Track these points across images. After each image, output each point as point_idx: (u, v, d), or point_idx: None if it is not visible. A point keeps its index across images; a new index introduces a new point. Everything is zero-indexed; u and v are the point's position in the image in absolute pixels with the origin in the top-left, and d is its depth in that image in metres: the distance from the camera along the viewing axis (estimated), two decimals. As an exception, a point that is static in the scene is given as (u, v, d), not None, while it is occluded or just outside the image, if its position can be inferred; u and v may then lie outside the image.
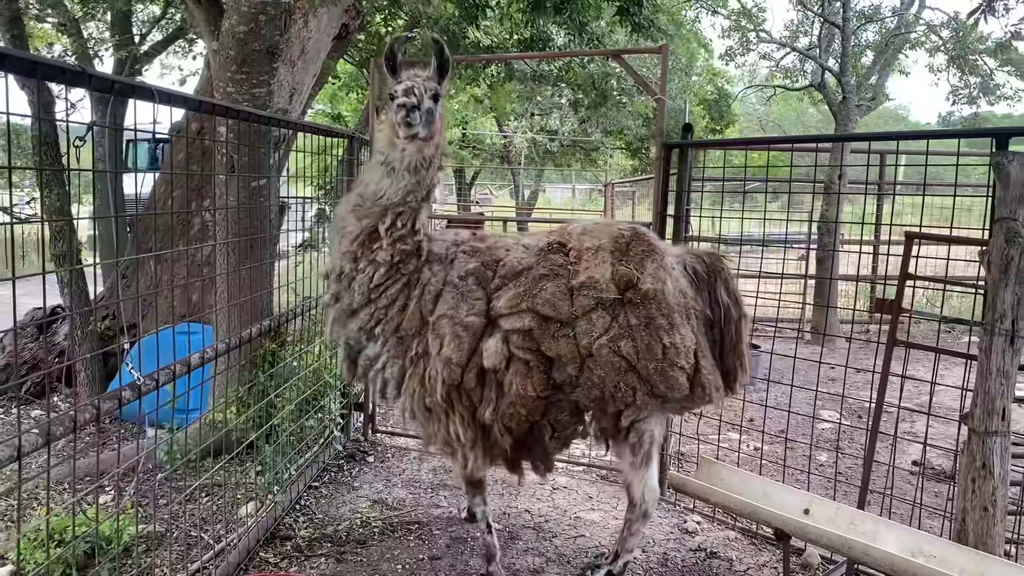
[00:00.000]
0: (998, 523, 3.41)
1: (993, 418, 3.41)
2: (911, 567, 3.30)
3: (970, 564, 3.31)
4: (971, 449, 3.46)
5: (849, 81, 10.39)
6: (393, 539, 4.48)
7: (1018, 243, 3.37)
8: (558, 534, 4.57)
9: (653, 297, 3.44)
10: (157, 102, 3.06)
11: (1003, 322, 3.39)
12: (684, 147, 4.99)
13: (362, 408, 6.13)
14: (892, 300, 3.97)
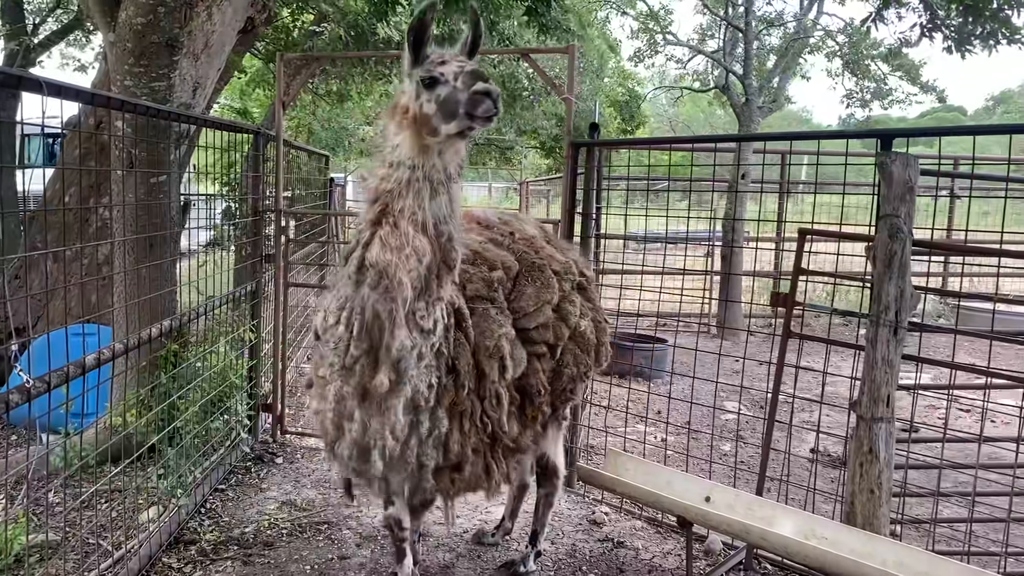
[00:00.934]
0: (883, 504, 3.60)
1: (879, 405, 3.59)
2: (804, 549, 3.45)
3: (858, 544, 3.48)
4: (859, 435, 3.64)
5: (752, 84, 10.74)
6: (302, 540, 4.42)
7: (900, 238, 3.56)
8: (468, 529, 4.59)
9: (591, 279, 3.80)
10: (46, 94, 2.94)
11: (887, 314, 3.58)
12: (591, 146, 5.08)
13: (270, 409, 6.03)
14: (786, 294, 4.13)
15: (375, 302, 2.82)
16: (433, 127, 2.72)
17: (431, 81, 2.71)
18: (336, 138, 15.49)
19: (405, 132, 2.80)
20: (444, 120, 2.69)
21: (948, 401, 3.98)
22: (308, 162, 9.47)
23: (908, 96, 13.37)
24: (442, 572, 4.10)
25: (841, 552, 3.39)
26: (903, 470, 3.91)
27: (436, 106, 2.69)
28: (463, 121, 2.68)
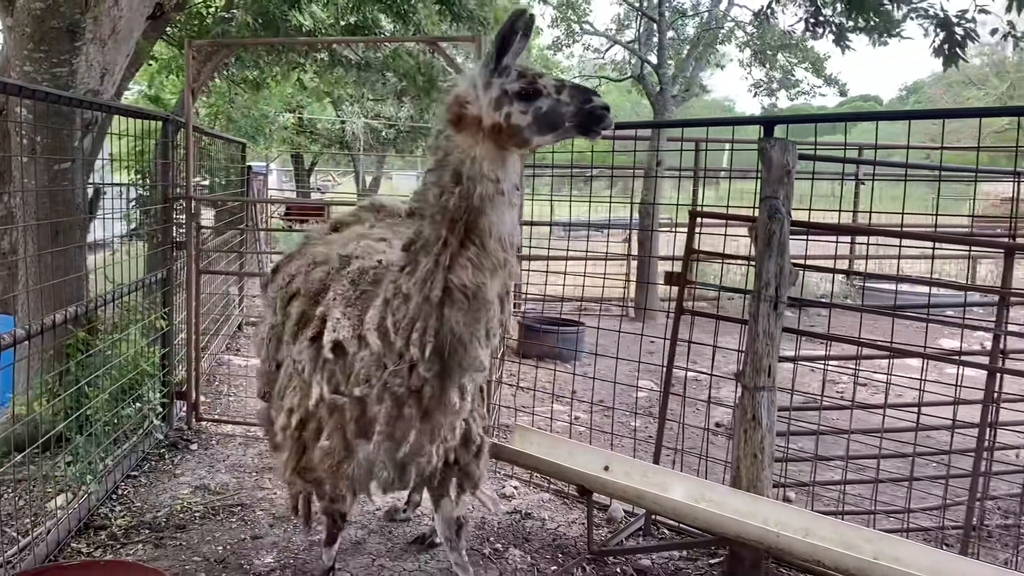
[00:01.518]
0: (766, 468, 3.85)
1: (761, 375, 3.83)
2: (693, 511, 3.68)
3: (743, 505, 3.72)
4: (743, 404, 3.89)
5: (666, 73, 11.03)
6: (215, 522, 4.47)
7: (778, 219, 3.80)
8: (380, 507, 4.72)
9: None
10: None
11: (768, 289, 3.82)
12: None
13: (185, 397, 6.03)
14: (679, 274, 4.35)
15: (461, 323, 2.76)
16: (524, 138, 2.66)
17: (531, 93, 2.62)
18: (256, 126, 15.32)
19: (485, 144, 2.67)
20: (539, 132, 2.65)
21: (824, 371, 4.26)
22: (223, 150, 9.38)
23: (812, 88, 13.91)
24: (354, 548, 4.21)
25: (726, 513, 3.63)
26: (785, 436, 4.17)
27: (531, 118, 2.62)
28: (565, 133, 2.69)
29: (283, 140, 20.49)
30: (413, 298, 2.75)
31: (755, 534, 3.52)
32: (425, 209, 2.76)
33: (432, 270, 2.72)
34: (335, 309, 2.98)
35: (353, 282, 3.03)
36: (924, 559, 3.31)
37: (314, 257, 3.32)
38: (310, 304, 3.13)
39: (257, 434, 5.95)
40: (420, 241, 2.76)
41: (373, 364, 2.86)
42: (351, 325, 2.91)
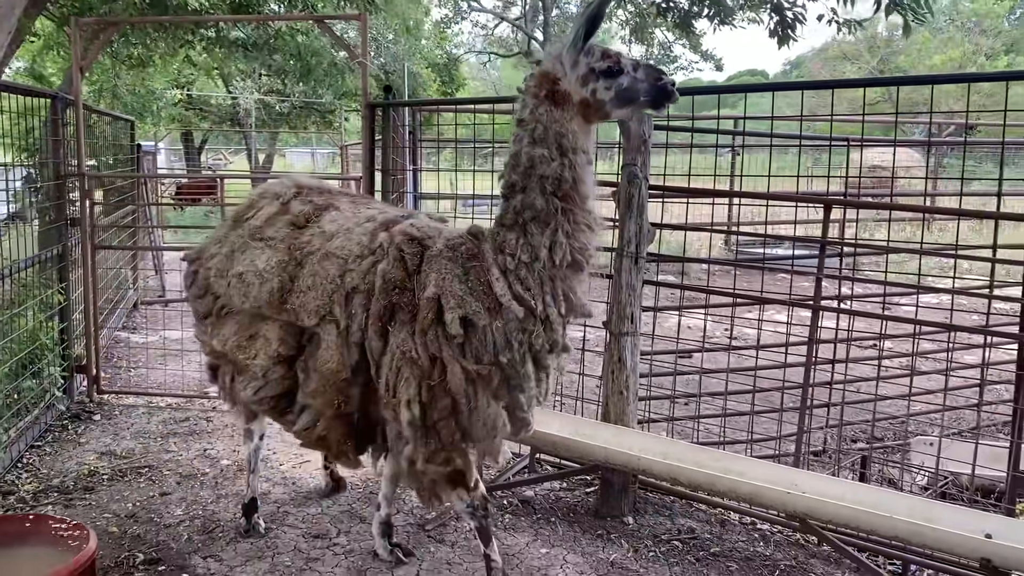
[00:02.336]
0: (631, 404, 4.34)
1: (624, 322, 4.31)
2: (566, 442, 4.15)
3: (611, 436, 4.21)
4: (610, 348, 4.36)
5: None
6: (123, 483, 4.69)
7: (636, 183, 4.27)
8: (284, 462, 5.02)
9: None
10: None
11: (629, 247, 4.29)
12: (385, 107, 5.52)
13: (85, 370, 6.14)
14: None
15: (573, 282, 3.03)
16: (606, 112, 2.98)
17: (615, 71, 2.89)
18: (143, 103, 14.99)
19: (576, 118, 2.95)
20: (619, 106, 2.96)
21: (679, 317, 4.79)
22: (112, 127, 9.30)
23: (691, 64, 14.66)
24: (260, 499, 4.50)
25: (596, 443, 4.12)
26: (648, 377, 4.69)
27: (614, 93, 2.90)
28: (640, 107, 3.01)
29: (172, 118, 20.03)
30: (537, 265, 2.96)
31: (621, 459, 4.03)
32: (530, 180, 2.94)
33: (555, 236, 2.95)
34: (450, 287, 3.02)
35: (451, 259, 3.06)
36: (760, 471, 3.87)
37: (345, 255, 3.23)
38: (396, 294, 3.10)
39: (159, 403, 6.14)
40: (529, 211, 2.95)
41: (515, 330, 2.99)
42: (475, 298, 3.00)
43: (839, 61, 37.86)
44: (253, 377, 3.42)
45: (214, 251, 3.64)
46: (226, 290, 3.50)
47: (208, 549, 3.95)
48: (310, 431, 3.39)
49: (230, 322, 3.53)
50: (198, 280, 3.72)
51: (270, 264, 3.36)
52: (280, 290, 3.30)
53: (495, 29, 13.97)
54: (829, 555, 3.98)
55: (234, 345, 3.49)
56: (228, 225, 3.72)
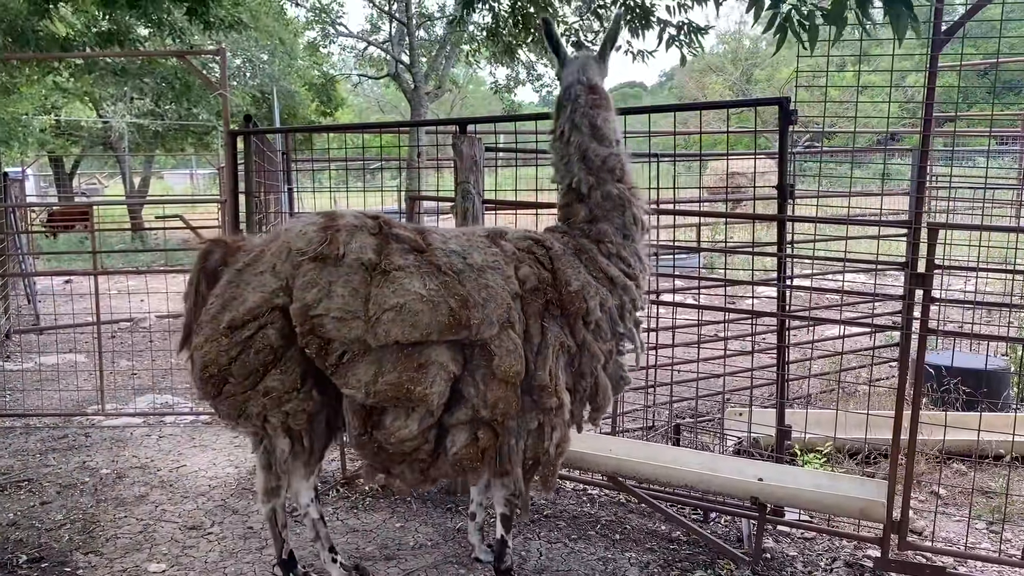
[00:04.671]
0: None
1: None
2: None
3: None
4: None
5: (419, 72, 12.05)
6: (2, 496, 4.96)
7: (469, 198, 4.87)
8: (161, 468, 5.38)
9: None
10: None
11: (466, 254, 4.88)
12: (246, 134, 5.95)
13: (-41, 396, 6.30)
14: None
15: (643, 245, 3.64)
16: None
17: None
18: (9, 130, 14.71)
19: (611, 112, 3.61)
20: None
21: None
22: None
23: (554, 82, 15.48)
24: (139, 501, 4.86)
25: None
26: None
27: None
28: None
29: (40, 143, 19.55)
30: (628, 242, 3.55)
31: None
32: (602, 174, 3.49)
33: (634, 213, 3.54)
34: (586, 279, 3.41)
35: (572, 256, 3.46)
36: (581, 441, 4.52)
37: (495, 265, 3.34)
38: (550, 291, 3.37)
39: (36, 423, 6.36)
40: (609, 201, 3.50)
41: (628, 301, 3.53)
42: (600, 284, 3.45)
43: (706, 73, 40.01)
44: (428, 407, 3.16)
45: (313, 297, 3.09)
46: (366, 330, 3.07)
47: (88, 546, 4.30)
48: (471, 447, 3.28)
49: (368, 362, 3.11)
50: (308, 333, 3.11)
51: (431, 288, 3.13)
52: (458, 309, 3.13)
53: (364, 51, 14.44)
54: (644, 510, 4.67)
55: (395, 382, 3.10)
56: (312, 269, 3.14)
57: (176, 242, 17.58)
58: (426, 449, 3.26)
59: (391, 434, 3.17)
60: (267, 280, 3.16)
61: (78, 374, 7.71)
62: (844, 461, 5.20)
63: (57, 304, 10.51)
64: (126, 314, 9.85)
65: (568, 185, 3.54)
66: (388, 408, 3.16)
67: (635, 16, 6.17)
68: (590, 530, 4.45)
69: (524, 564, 4.06)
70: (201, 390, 3.27)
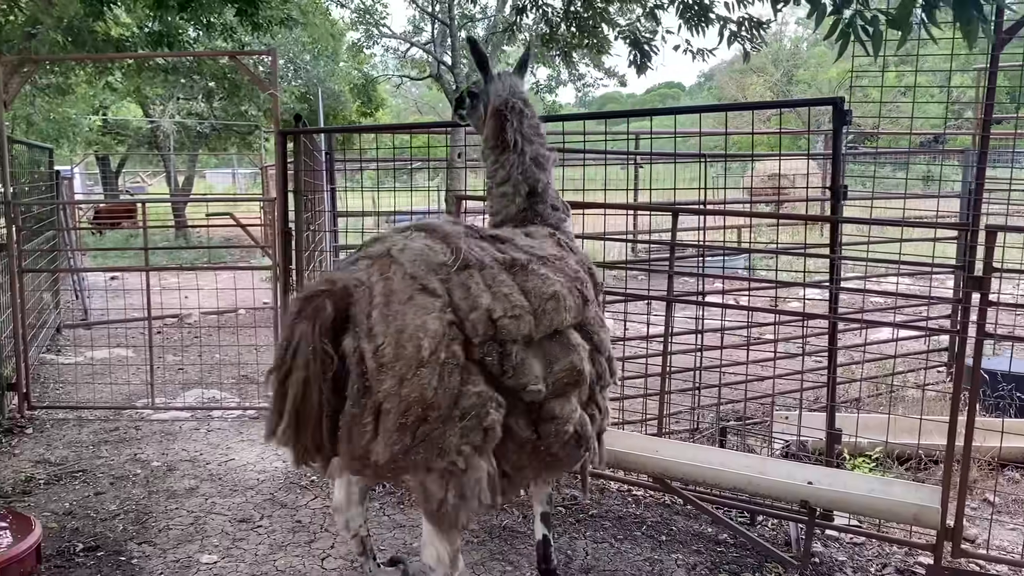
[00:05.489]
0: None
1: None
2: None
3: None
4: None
5: (461, 72, 12.10)
6: (59, 486, 5.08)
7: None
8: (210, 461, 5.47)
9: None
10: None
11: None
12: (296, 134, 6.03)
13: (15, 388, 6.45)
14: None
15: None
16: None
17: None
18: (59, 130, 15.05)
19: None
20: None
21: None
22: (30, 155, 9.55)
23: (596, 80, 15.52)
24: (188, 493, 4.94)
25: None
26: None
27: None
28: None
29: (88, 142, 19.97)
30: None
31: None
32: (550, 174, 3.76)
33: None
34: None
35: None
36: (628, 441, 4.51)
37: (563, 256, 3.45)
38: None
39: (88, 416, 6.50)
40: (554, 197, 3.76)
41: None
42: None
43: (746, 74, 39.66)
44: (586, 384, 3.21)
45: (488, 302, 2.95)
46: (535, 324, 3.03)
47: (142, 536, 4.39)
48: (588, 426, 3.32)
49: (536, 356, 3.05)
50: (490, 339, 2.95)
51: (560, 280, 3.16)
52: (583, 297, 3.24)
53: (407, 52, 14.57)
54: (690, 512, 4.65)
55: (568, 367, 3.10)
56: (470, 277, 3.00)
57: (218, 239, 17.84)
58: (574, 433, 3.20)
59: (565, 420, 3.11)
60: (426, 302, 2.87)
61: (127, 368, 7.87)
62: (893, 466, 5.13)
63: (103, 300, 10.75)
64: (172, 310, 10.01)
65: (530, 188, 3.64)
66: (553, 399, 3.09)
67: (693, 13, 6.13)
68: (636, 530, 4.44)
69: (570, 563, 4.06)
70: (397, 442, 2.78)
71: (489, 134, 3.75)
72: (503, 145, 3.68)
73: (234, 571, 4.00)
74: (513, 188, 3.67)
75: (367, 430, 2.73)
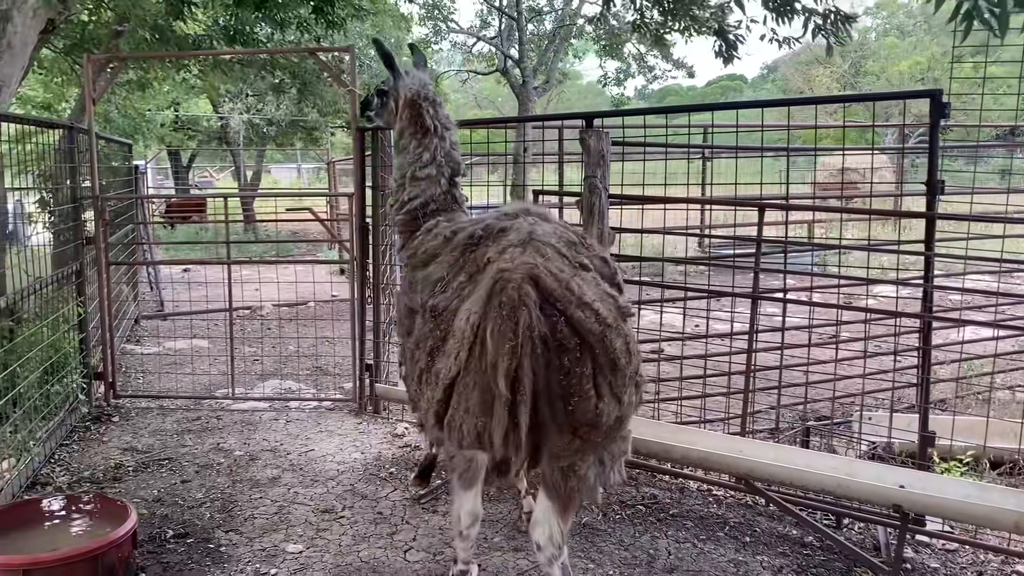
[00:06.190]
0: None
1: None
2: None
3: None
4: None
5: (528, 66, 12.08)
6: (147, 473, 5.23)
7: (597, 193, 4.85)
8: (291, 451, 5.57)
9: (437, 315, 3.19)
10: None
11: (593, 249, 4.86)
12: (375, 130, 6.09)
13: (102, 377, 6.66)
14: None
15: None
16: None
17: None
18: (135, 126, 15.50)
19: None
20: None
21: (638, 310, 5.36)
22: (113, 151, 9.84)
23: (665, 72, 15.33)
24: (271, 482, 5.04)
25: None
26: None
27: None
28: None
29: (160, 138, 20.51)
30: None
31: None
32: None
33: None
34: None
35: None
36: (710, 441, 4.46)
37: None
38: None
39: (170, 405, 6.67)
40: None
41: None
42: None
43: (812, 65, 38.79)
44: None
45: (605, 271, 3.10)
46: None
47: (228, 525, 4.49)
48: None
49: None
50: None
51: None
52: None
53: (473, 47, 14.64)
54: (773, 513, 4.56)
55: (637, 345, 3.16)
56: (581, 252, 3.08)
57: (286, 234, 18.16)
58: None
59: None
60: (587, 275, 2.95)
61: (204, 359, 8.06)
62: (986, 471, 4.96)
63: (176, 292, 11.03)
64: (245, 302, 10.21)
65: (452, 171, 3.88)
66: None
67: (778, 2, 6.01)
68: (718, 531, 4.38)
69: (653, 563, 4.02)
70: (633, 394, 2.96)
71: (406, 124, 3.94)
72: (423, 130, 3.88)
73: (319, 561, 4.06)
74: (437, 170, 3.85)
75: (593, 393, 2.75)
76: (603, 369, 2.77)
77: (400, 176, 3.99)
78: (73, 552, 3.52)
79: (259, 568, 4.00)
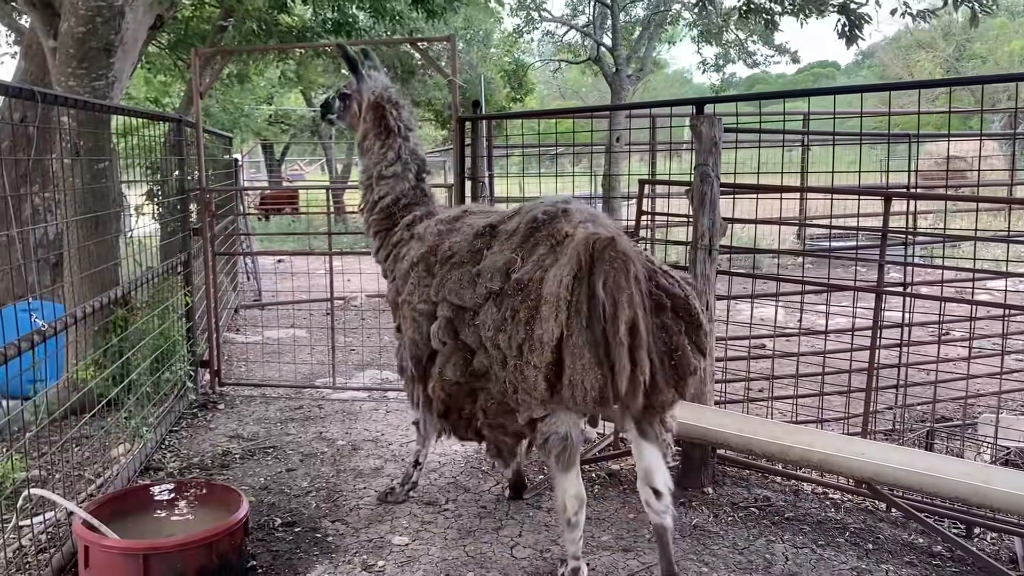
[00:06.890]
0: (708, 385, 4.74)
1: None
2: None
3: (689, 414, 4.56)
4: (687, 333, 4.76)
5: (621, 55, 11.86)
6: (253, 461, 5.31)
7: (709, 182, 4.67)
8: (392, 442, 5.57)
9: (523, 287, 3.19)
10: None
11: (703, 240, 4.70)
12: (475, 120, 6.04)
13: (207, 365, 6.82)
14: (631, 232, 5.22)
15: None
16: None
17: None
18: (233, 120, 15.93)
19: None
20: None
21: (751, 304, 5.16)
22: (215, 144, 10.10)
23: (767, 58, 14.84)
24: (374, 472, 5.04)
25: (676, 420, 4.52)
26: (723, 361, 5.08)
27: None
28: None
29: (257, 132, 21.04)
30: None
31: (698, 433, 4.43)
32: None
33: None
34: None
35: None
36: (829, 442, 4.24)
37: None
38: None
39: (272, 394, 6.78)
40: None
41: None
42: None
43: (912, 50, 37.21)
44: None
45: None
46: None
47: (335, 514, 4.50)
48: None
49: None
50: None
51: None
52: None
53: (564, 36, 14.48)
54: (896, 519, 4.32)
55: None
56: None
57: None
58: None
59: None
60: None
61: (304, 348, 8.18)
62: None
63: (274, 282, 11.27)
64: (337, 293, 10.34)
65: (419, 167, 4.21)
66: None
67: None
68: (838, 537, 4.16)
69: (770, 568, 3.85)
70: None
71: (370, 125, 4.17)
72: (387, 131, 4.13)
73: (426, 554, 4.03)
74: (403, 167, 4.12)
75: (689, 348, 3.14)
76: (691, 327, 3.15)
77: (367, 177, 4.26)
78: (190, 539, 3.57)
79: (367, 560, 3.99)
